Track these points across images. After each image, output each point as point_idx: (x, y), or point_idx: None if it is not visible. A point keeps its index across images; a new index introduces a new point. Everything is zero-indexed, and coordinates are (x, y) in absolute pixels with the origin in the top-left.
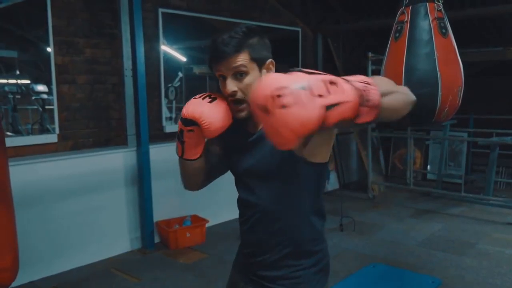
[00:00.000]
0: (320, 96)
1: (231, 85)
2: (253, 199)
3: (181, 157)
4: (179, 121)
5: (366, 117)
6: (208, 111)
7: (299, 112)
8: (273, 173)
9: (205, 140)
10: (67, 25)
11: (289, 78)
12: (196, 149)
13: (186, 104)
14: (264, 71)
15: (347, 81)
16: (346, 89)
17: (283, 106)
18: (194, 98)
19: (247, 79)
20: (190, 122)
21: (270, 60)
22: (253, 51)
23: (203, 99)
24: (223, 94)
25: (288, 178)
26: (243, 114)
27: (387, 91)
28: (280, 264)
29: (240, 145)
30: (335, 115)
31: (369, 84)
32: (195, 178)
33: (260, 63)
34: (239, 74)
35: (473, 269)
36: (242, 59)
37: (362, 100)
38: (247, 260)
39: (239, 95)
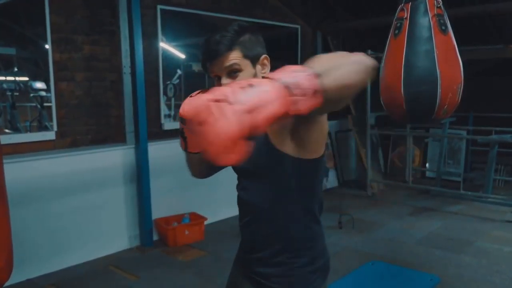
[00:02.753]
0: (229, 102)
1: (226, 84)
2: (246, 197)
3: (185, 150)
4: (179, 120)
5: (306, 103)
6: None
7: (218, 126)
8: (261, 171)
9: None
10: (65, 22)
11: (204, 95)
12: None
13: (183, 103)
14: (258, 67)
15: (271, 78)
16: (265, 88)
17: (200, 124)
18: (189, 97)
19: (241, 76)
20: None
21: (264, 55)
22: (245, 48)
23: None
24: None
25: (276, 177)
26: None
27: (328, 67)
28: (274, 261)
29: None
30: (262, 118)
31: (298, 71)
32: (200, 166)
33: (253, 60)
34: (233, 72)
35: (472, 267)
36: (234, 57)
37: (289, 90)
38: (245, 256)
39: None
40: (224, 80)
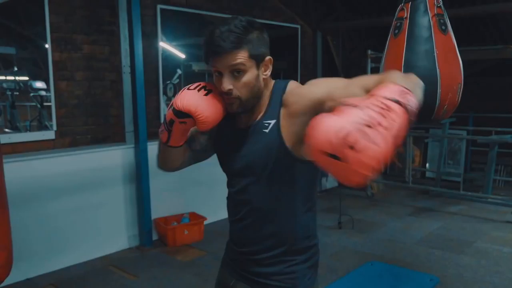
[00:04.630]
0: (383, 127)
1: (227, 83)
2: (245, 197)
3: (165, 143)
4: (170, 111)
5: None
6: (204, 105)
7: (373, 150)
8: (266, 171)
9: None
10: (65, 22)
11: (344, 117)
12: (182, 137)
13: (180, 94)
14: (262, 69)
15: (391, 96)
16: (399, 111)
17: (352, 148)
18: (188, 89)
19: (245, 78)
20: (184, 115)
21: (268, 57)
22: (252, 48)
23: (198, 90)
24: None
25: (282, 178)
26: (235, 107)
27: (412, 87)
28: (275, 261)
29: (231, 141)
30: (400, 142)
31: (406, 91)
32: (174, 163)
33: (258, 61)
34: (237, 72)
35: (471, 268)
36: (241, 56)
37: (409, 114)
38: (239, 257)
39: (235, 93)
40: (226, 79)
